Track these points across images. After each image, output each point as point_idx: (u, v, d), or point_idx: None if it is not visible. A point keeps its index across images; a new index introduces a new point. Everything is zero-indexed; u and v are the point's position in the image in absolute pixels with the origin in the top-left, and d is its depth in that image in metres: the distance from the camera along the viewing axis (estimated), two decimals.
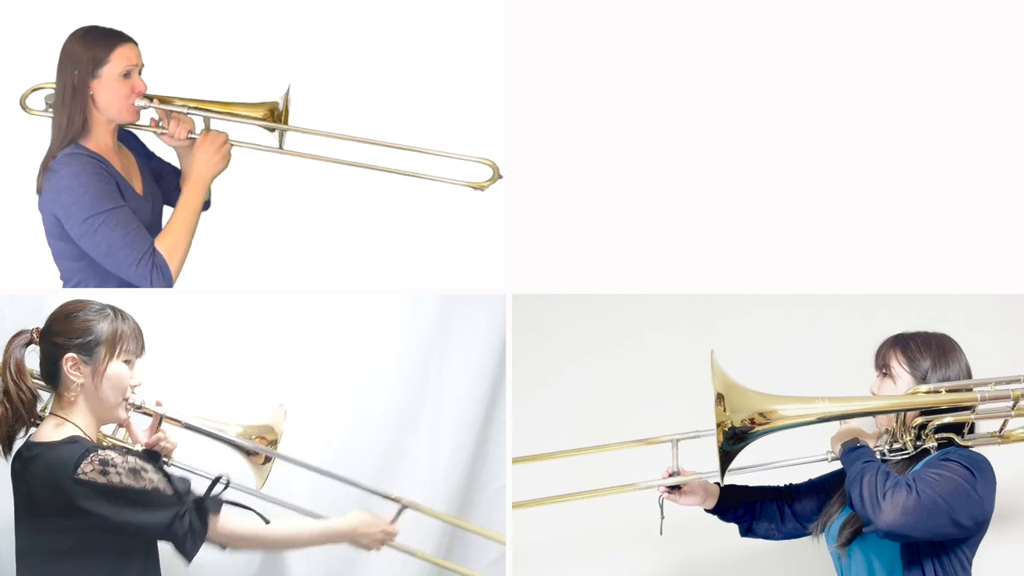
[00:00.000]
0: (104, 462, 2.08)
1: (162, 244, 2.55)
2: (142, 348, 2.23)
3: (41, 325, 2.22)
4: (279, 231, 3.09)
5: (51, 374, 2.18)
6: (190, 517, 2.13)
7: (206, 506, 2.17)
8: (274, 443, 2.40)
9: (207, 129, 2.63)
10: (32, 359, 2.22)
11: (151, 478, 2.11)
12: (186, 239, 2.58)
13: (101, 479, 2.07)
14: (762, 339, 2.93)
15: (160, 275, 2.52)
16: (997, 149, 2.91)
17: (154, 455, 2.21)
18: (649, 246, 3.22)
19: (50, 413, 2.19)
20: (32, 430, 2.20)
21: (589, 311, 3.04)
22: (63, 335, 2.16)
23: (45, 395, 2.25)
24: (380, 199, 3.07)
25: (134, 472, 2.10)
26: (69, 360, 2.15)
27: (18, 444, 2.19)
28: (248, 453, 2.37)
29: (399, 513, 2.45)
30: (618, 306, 3.04)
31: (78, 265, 2.57)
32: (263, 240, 3.08)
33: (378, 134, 2.68)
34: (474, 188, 2.69)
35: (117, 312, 2.21)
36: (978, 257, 2.83)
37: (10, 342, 2.21)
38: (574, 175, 3.25)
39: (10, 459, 2.17)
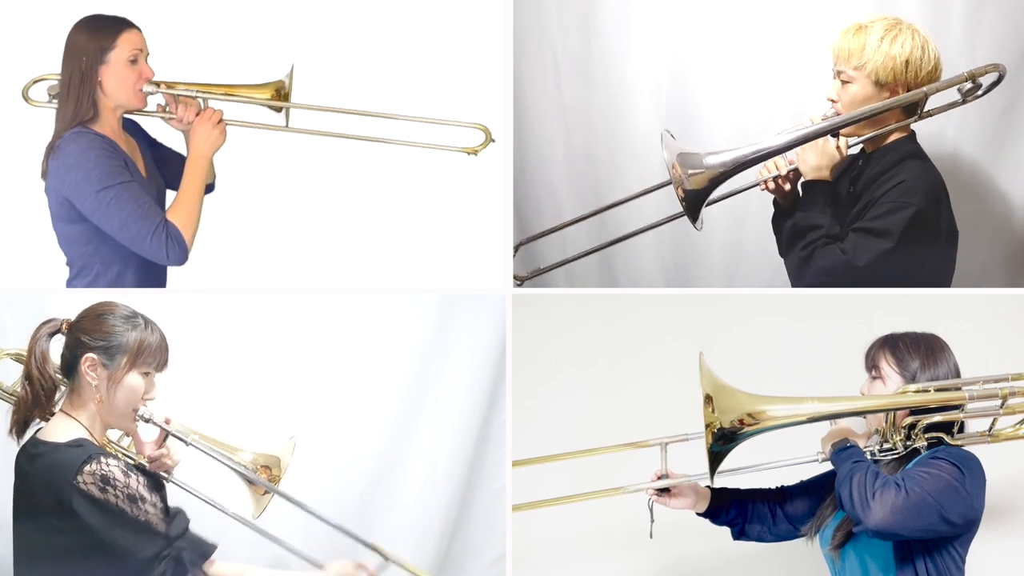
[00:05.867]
0: (105, 479, 2.08)
1: (173, 216, 2.53)
2: (164, 363, 2.23)
3: (72, 317, 2.23)
4: (280, 232, 3.10)
5: (69, 368, 2.20)
6: (174, 562, 2.13)
7: (195, 552, 2.19)
8: (277, 477, 2.37)
9: (204, 107, 2.63)
10: (56, 349, 2.23)
11: (147, 509, 2.12)
12: (195, 213, 2.56)
13: (99, 495, 2.07)
14: (762, 339, 2.91)
15: (176, 245, 2.50)
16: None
17: (159, 485, 2.19)
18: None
19: (60, 410, 2.21)
20: (42, 425, 2.21)
21: (589, 311, 3.02)
22: (88, 334, 2.18)
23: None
24: (380, 200, 3.08)
25: (131, 499, 2.10)
26: (88, 360, 2.16)
27: (28, 436, 2.20)
28: (249, 482, 2.36)
29: (381, 569, 2.37)
30: (618, 306, 3.02)
31: (86, 249, 2.56)
32: (264, 240, 3.09)
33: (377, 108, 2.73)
34: (467, 153, 2.70)
35: (147, 323, 2.22)
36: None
37: (38, 329, 2.22)
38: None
39: (21, 445, 2.19)
